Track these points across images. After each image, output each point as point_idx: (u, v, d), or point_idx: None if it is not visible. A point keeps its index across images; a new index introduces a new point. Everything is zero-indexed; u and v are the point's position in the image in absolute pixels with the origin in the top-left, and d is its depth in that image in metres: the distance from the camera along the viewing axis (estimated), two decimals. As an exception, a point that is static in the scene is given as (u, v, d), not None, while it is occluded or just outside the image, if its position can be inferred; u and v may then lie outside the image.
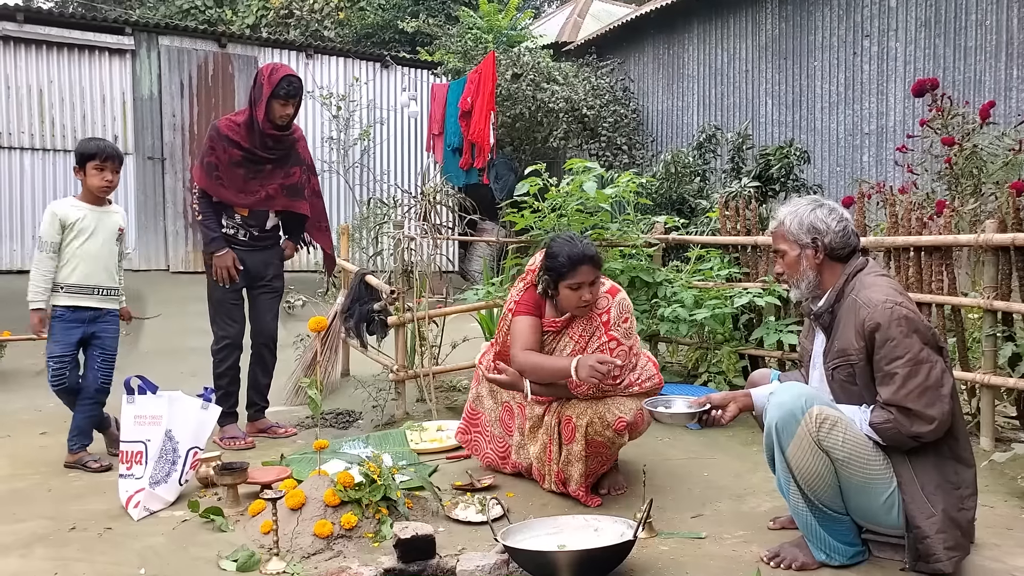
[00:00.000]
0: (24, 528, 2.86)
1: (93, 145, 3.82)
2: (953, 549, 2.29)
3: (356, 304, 4.67)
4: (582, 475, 3.06)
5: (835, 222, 2.52)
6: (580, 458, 3.04)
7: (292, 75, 3.98)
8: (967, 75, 7.37)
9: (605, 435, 3.01)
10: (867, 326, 2.36)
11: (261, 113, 3.94)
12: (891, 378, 2.33)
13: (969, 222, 4.63)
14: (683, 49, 10.57)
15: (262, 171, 4.06)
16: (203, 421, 3.33)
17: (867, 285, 2.44)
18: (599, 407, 3.02)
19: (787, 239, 2.58)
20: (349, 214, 11.21)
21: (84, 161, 3.75)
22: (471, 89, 9.13)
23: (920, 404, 2.29)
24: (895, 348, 2.32)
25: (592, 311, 3.08)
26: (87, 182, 3.78)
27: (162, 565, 2.55)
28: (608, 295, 3.12)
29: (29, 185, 9.62)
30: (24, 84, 9.61)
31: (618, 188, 5.05)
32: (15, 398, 5.51)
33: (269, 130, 4.00)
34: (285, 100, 3.96)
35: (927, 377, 2.30)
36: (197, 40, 10.59)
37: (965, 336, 3.91)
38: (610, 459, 3.19)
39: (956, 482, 2.35)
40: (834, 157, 8.60)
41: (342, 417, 4.61)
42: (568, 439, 3.07)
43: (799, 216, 2.55)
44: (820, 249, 2.52)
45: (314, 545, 2.62)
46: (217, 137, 3.97)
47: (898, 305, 2.35)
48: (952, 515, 2.30)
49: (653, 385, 3.16)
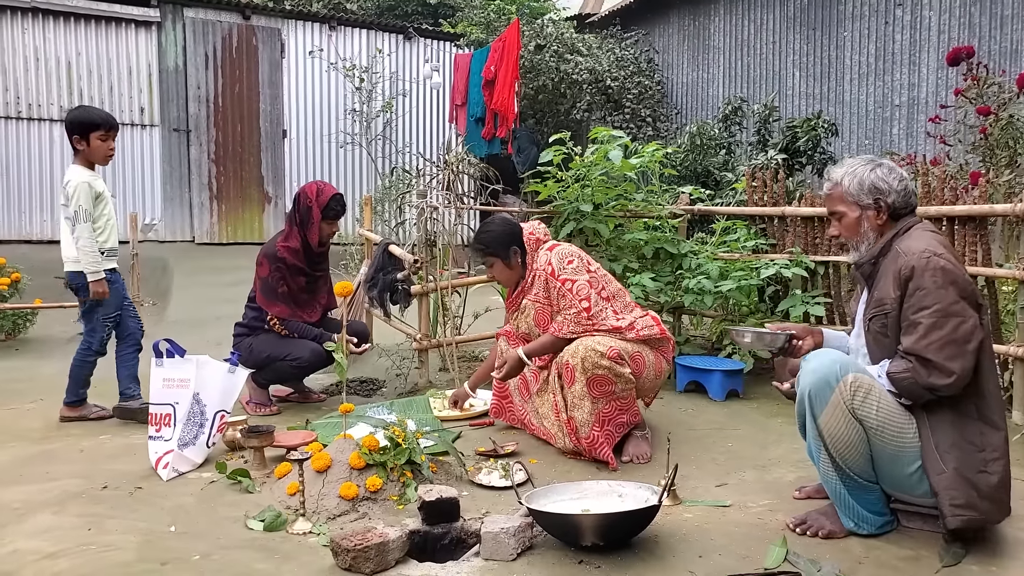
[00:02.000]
0: (57, 486, 2.92)
1: (97, 115, 3.87)
2: (961, 508, 2.23)
3: (380, 274, 4.67)
4: (591, 415, 3.11)
5: (896, 181, 2.45)
6: (584, 396, 3.12)
7: (338, 194, 4.12)
8: (1003, 44, 7.17)
9: (602, 365, 3.08)
10: (903, 274, 2.30)
11: (315, 236, 4.05)
12: (915, 327, 2.28)
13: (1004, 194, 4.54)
14: (709, 20, 10.39)
15: (315, 286, 4.20)
16: (230, 385, 3.37)
17: (911, 236, 2.39)
18: (589, 341, 3.15)
19: (846, 200, 2.49)
20: (371, 186, 11.21)
21: (87, 130, 3.78)
22: (494, 57, 9.05)
23: (941, 356, 2.23)
24: (924, 297, 2.27)
25: (534, 270, 3.42)
26: (91, 151, 3.82)
27: (191, 524, 2.59)
28: (547, 251, 3.41)
29: (59, 157, 9.70)
30: (53, 56, 9.66)
31: (643, 158, 4.99)
32: (46, 363, 5.62)
33: (319, 249, 4.13)
34: (334, 219, 4.09)
35: (954, 331, 2.23)
36: (222, 12, 10.57)
37: (999, 308, 3.84)
38: (624, 405, 3.21)
39: (979, 444, 2.28)
40: (863, 129, 8.44)
41: (366, 385, 4.64)
42: (569, 381, 3.16)
43: (859, 176, 2.47)
44: (884, 209, 2.44)
45: (339, 507, 2.64)
46: (284, 268, 4.03)
47: (936, 256, 2.28)
48: (966, 475, 2.24)
49: (652, 334, 3.29)
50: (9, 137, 9.51)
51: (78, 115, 3.88)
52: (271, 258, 4.02)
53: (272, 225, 10.71)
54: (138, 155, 10.16)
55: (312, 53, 10.94)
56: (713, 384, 4.30)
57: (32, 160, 9.63)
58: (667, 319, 5.23)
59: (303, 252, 4.07)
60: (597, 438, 3.13)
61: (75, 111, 3.96)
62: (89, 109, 3.98)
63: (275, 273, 4.00)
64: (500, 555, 2.29)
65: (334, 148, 11.21)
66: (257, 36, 10.72)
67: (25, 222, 9.63)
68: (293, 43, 10.98)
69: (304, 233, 4.05)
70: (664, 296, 4.95)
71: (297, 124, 11.03)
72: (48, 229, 9.65)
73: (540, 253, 3.45)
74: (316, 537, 2.48)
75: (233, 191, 10.64)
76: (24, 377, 5.14)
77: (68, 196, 3.79)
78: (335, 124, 11.15)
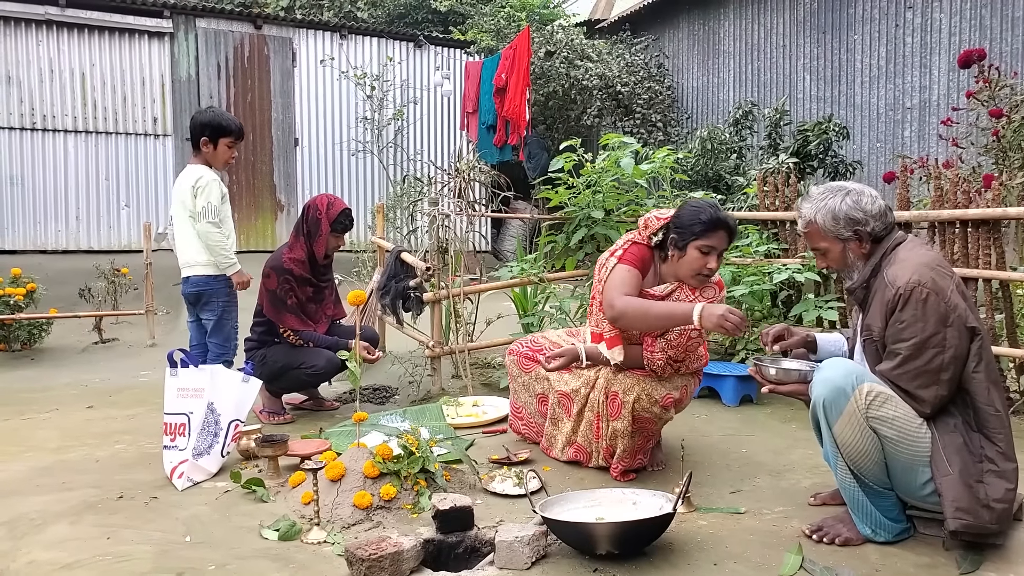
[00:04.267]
0: (73, 496, 2.94)
1: (231, 122, 3.91)
2: (962, 511, 2.22)
3: (392, 281, 4.69)
4: (626, 450, 3.05)
5: (869, 205, 2.42)
6: (626, 434, 3.02)
7: (347, 209, 4.16)
8: (1014, 46, 7.13)
9: (652, 411, 2.99)
10: (888, 306, 2.32)
11: (321, 249, 4.09)
12: (893, 356, 2.33)
13: (1017, 196, 4.51)
14: (719, 24, 10.39)
15: (321, 295, 4.22)
16: (244, 394, 3.38)
17: (899, 260, 2.37)
18: (646, 383, 2.98)
19: (826, 237, 2.47)
20: (383, 193, 11.25)
21: (219, 135, 3.81)
22: (505, 65, 9.08)
23: (912, 385, 2.29)
24: (903, 330, 2.29)
25: (706, 286, 2.97)
26: (215, 155, 3.86)
27: (206, 533, 2.60)
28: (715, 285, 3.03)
29: (73, 167, 9.80)
30: (67, 68, 9.76)
31: (654, 164, 4.99)
32: (61, 373, 5.66)
33: (324, 260, 4.17)
34: (341, 233, 4.14)
35: (928, 362, 2.26)
36: (233, 22, 10.65)
37: (1014, 312, 3.81)
38: (654, 436, 3.17)
39: (978, 454, 2.28)
40: (874, 132, 8.41)
41: (379, 392, 4.65)
42: (614, 415, 3.02)
43: (831, 210, 2.43)
44: (865, 238, 2.43)
45: (354, 516, 2.65)
46: (292, 279, 4.04)
47: (920, 286, 2.26)
48: (967, 481, 2.24)
49: (700, 366, 3.13)
50: (24, 148, 9.60)
51: (212, 118, 3.90)
52: (278, 270, 4.03)
53: (285, 233, 10.76)
54: (151, 165, 10.24)
55: (323, 62, 11.01)
56: (726, 390, 4.29)
57: (47, 171, 9.72)
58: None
59: (308, 263, 4.09)
60: (626, 466, 3.07)
61: (208, 113, 3.97)
62: (223, 114, 3.99)
63: (283, 285, 4.01)
64: (514, 564, 2.29)
65: (346, 156, 11.26)
66: (269, 45, 10.79)
67: (40, 232, 9.70)
68: (304, 52, 11.04)
69: (310, 244, 4.08)
70: (676, 302, 4.93)
71: (309, 132, 11.09)
72: (63, 239, 9.74)
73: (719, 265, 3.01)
74: (331, 546, 2.48)
75: (246, 199, 10.70)
76: (39, 387, 5.18)
77: (196, 192, 3.81)
78: (347, 132, 11.20)
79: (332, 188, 11.16)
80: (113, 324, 7.48)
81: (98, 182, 9.96)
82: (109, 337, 7.12)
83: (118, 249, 9.82)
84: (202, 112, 4.00)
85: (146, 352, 6.58)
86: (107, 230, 10.01)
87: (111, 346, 6.92)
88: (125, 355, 6.51)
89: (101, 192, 9.98)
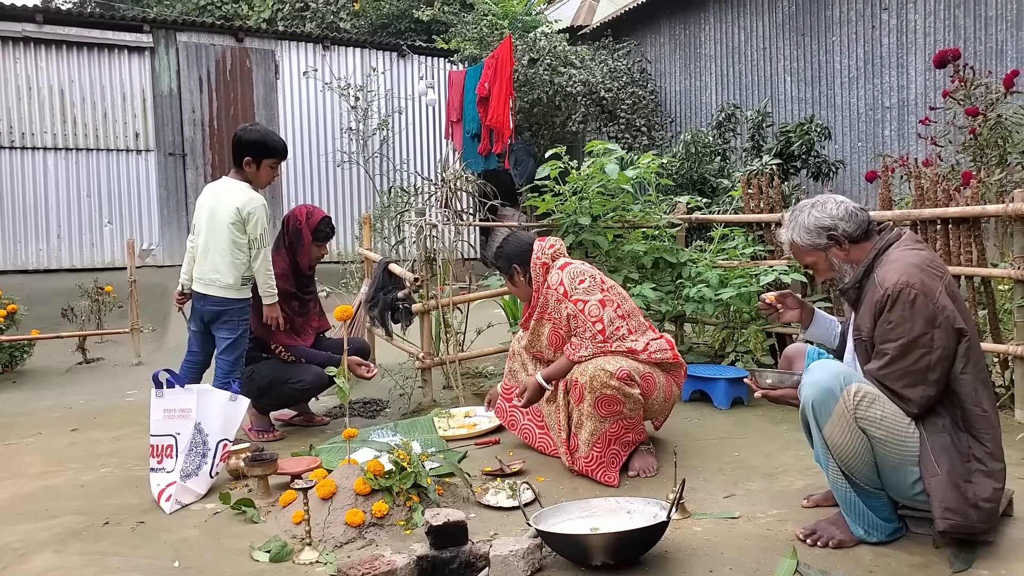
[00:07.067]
0: (58, 524, 2.88)
1: (277, 142, 3.79)
2: (950, 511, 2.24)
3: (380, 293, 4.66)
4: (592, 435, 3.10)
5: (835, 209, 2.50)
6: (591, 416, 3.10)
7: (327, 216, 4.12)
8: (988, 45, 7.20)
9: (611, 385, 3.04)
10: (876, 306, 2.35)
11: (305, 259, 4.06)
12: (881, 356, 2.35)
13: (996, 193, 4.55)
14: (699, 28, 10.44)
15: (306, 308, 4.18)
16: (231, 413, 3.34)
17: (890, 261, 2.39)
18: (599, 361, 3.11)
19: (807, 251, 2.57)
20: (370, 204, 11.22)
21: (263, 155, 3.71)
22: (488, 74, 9.08)
23: (899, 385, 2.31)
24: (891, 330, 2.31)
25: (547, 290, 3.34)
26: (258, 174, 3.75)
27: (195, 558, 2.56)
28: (559, 270, 3.33)
29: (53, 185, 9.72)
30: (45, 84, 9.69)
31: (639, 169, 5.00)
32: (44, 395, 5.59)
33: (308, 272, 4.13)
34: (323, 242, 4.09)
35: (916, 362, 2.28)
36: (214, 35, 10.61)
37: (996, 308, 3.84)
38: (631, 424, 3.17)
39: (966, 454, 2.29)
40: (855, 132, 8.47)
41: (369, 406, 4.62)
42: (577, 399, 3.15)
43: (803, 225, 2.54)
44: (842, 241, 2.50)
45: (346, 534, 2.62)
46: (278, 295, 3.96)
47: (908, 287, 2.29)
48: (955, 481, 2.25)
49: (665, 357, 3.24)
50: (2, 167, 9.52)
51: (259, 139, 3.74)
52: None
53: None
54: (134, 180, 10.18)
55: (306, 73, 10.99)
56: (718, 393, 4.29)
57: (27, 189, 9.64)
58: (669, 328, 5.23)
59: (292, 276, 4.05)
60: (595, 458, 3.11)
61: (254, 132, 3.77)
62: (270, 134, 3.82)
63: None
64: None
65: (331, 167, 11.23)
66: (251, 58, 10.76)
67: (20, 251, 9.61)
68: (287, 64, 11.02)
69: (294, 256, 4.05)
70: (665, 305, 4.94)
71: (293, 144, 11.05)
72: (44, 258, 9.65)
73: (552, 272, 3.37)
74: (323, 567, 2.44)
75: (230, 214, 10.63)
76: (21, 411, 5.08)
77: (247, 217, 3.68)
78: (332, 143, 11.18)
79: (318, 200, 11.13)
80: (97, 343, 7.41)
81: (79, 199, 9.89)
82: (93, 357, 7.05)
83: (101, 267, 9.74)
84: (248, 130, 3.78)
85: (132, 371, 6.51)
86: (90, 248, 9.93)
87: (96, 366, 6.84)
88: (110, 375, 6.44)
89: (83, 209, 9.91)
